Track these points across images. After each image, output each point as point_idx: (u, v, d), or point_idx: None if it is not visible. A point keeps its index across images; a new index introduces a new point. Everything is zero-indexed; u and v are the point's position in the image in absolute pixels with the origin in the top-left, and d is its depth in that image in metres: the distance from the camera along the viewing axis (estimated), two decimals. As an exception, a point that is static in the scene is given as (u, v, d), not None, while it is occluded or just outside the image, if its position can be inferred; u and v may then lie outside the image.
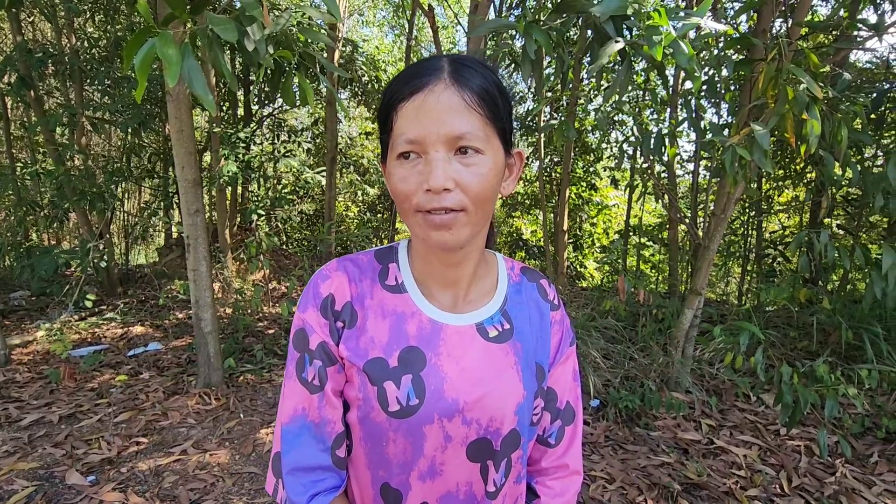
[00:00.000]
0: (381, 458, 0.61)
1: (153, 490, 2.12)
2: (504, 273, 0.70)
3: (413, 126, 0.54)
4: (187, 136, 2.65)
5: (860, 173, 2.59)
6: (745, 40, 2.39)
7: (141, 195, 7.99)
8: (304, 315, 0.62)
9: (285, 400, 0.62)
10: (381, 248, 0.68)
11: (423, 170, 0.54)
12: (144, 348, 3.82)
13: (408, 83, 0.55)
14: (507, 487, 0.64)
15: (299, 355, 0.61)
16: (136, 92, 1.22)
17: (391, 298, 0.63)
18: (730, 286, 6.23)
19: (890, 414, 2.59)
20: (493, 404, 0.60)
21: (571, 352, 0.71)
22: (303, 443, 0.60)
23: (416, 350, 0.60)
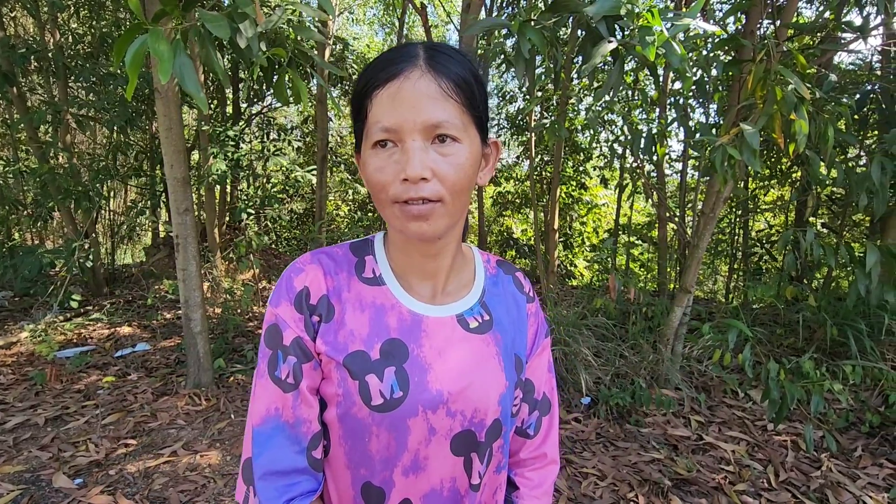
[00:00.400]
0: (362, 456, 0.58)
1: (142, 492, 2.10)
2: (481, 265, 0.70)
3: (389, 114, 0.52)
4: (176, 134, 2.62)
5: (844, 173, 2.64)
6: (735, 41, 2.42)
7: (127, 194, 7.87)
8: (277, 310, 0.58)
9: (256, 401, 0.58)
10: (356, 241, 0.66)
11: (400, 159, 0.53)
12: (132, 349, 3.77)
13: (383, 69, 0.54)
14: (488, 478, 0.64)
15: (271, 352, 0.58)
16: (126, 89, 1.20)
17: (369, 291, 0.61)
18: (717, 284, 6.31)
19: (873, 409, 2.65)
20: (477, 395, 0.60)
21: (547, 343, 0.73)
22: (276, 445, 0.56)
23: (398, 342, 0.59)
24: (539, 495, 0.71)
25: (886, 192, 2.52)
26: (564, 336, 3.13)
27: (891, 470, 2.30)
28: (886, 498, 2.09)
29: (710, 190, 2.88)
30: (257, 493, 0.56)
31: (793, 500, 2.08)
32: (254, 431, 0.58)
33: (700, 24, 1.53)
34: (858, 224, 4.69)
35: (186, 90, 1.25)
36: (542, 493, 0.72)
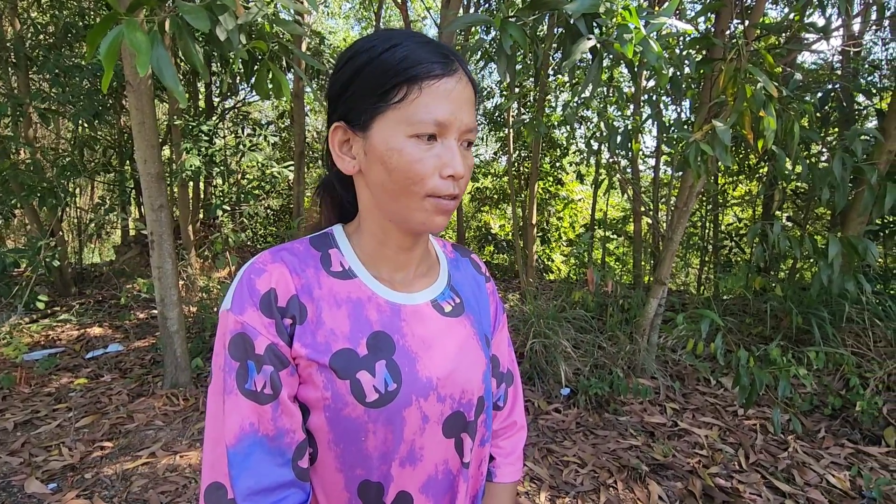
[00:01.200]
0: (358, 456, 0.57)
1: (121, 495, 2.05)
2: (440, 250, 0.72)
3: (443, 109, 0.53)
4: (149, 129, 2.55)
5: (808, 168, 2.76)
6: (707, 41, 2.49)
7: (94, 191, 7.61)
8: (243, 317, 0.53)
9: (227, 418, 0.53)
10: (315, 235, 0.63)
11: (441, 154, 0.54)
12: (104, 350, 3.67)
13: (437, 62, 0.53)
14: (475, 453, 0.65)
15: (239, 364, 0.53)
16: (99, 81, 1.18)
17: (341, 285, 0.59)
18: (689, 277, 6.51)
19: (835, 392, 2.78)
20: (463, 376, 0.61)
21: (504, 320, 0.76)
22: (255, 462, 0.53)
23: (383, 334, 0.58)
24: (513, 461, 0.76)
25: (847, 187, 2.64)
26: (544, 329, 3.18)
27: (851, 450, 2.43)
28: (848, 476, 2.21)
29: (684, 185, 2.97)
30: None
31: (762, 481, 2.18)
32: (228, 453, 0.53)
33: (674, 22, 1.58)
34: (821, 217, 4.90)
35: (165, 83, 1.23)
36: (515, 458, 0.76)
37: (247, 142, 4.68)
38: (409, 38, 0.55)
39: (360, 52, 0.55)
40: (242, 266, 0.58)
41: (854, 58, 4.08)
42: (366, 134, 0.55)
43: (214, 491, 0.54)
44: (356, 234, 0.63)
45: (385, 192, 0.56)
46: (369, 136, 0.55)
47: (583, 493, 2.11)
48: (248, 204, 4.50)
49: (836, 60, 4.48)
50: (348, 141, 0.58)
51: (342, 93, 0.57)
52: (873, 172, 2.59)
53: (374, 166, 0.55)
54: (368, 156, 0.56)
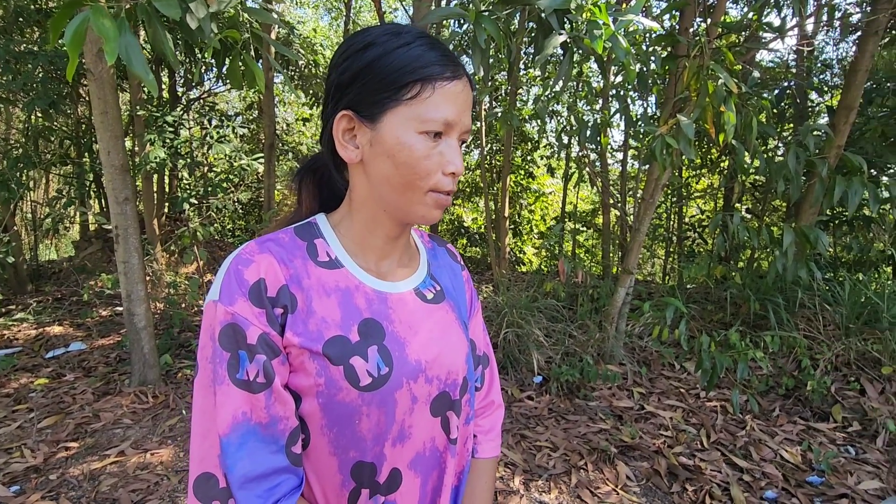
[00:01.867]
0: (352, 439, 0.58)
1: (89, 495, 2.00)
2: (419, 241, 0.75)
3: (451, 109, 0.56)
4: (113, 119, 2.46)
5: (765, 162, 2.90)
6: (672, 38, 2.58)
7: (49, 184, 7.26)
8: (233, 308, 0.53)
9: (219, 408, 0.53)
10: (299, 225, 0.64)
11: (444, 152, 0.57)
12: (66, 349, 3.53)
13: (448, 65, 0.57)
14: (461, 430, 0.69)
15: (230, 354, 0.53)
16: (67, 70, 1.14)
17: (329, 275, 0.60)
18: (655, 267, 6.72)
19: (789, 373, 2.96)
20: (448, 359, 0.64)
21: (479, 306, 0.80)
22: (250, 450, 0.54)
23: (373, 321, 0.60)
24: (492, 438, 0.79)
25: (800, 179, 2.79)
26: (517, 319, 3.25)
27: (803, 426, 2.59)
28: (799, 451, 2.36)
29: (650, 177, 3.07)
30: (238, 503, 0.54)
31: (722, 458, 2.31)
32: (222, 442, 0.53)
33: (641, 19, 1.64)
34: (777, 209, 5.15)
35: (135, 72, 1.20)
36: (494, 435, 0.80)
37: (214, 133, 4.56)
38: (419, 37, 0.57)
39: (372, 45, 0.57)
40: (226, 258, 0.58)
41: (808, 57, 4.29)
42: (374, 126, 0.57)
43: (204, 482, 0.54)
44: (342, 224, 0.64)
45: (389, 185, 0.58)
46: (379, 128, 0.57)
47: (555, 475, 2.19)
48: (217, 197, 4.40)
49: (792, 59, 4.70)
50: (352, 129, 0.59)
51: (352, 82, 0.57)
52: (824, 166, 2.75)
53: (381, 158, 0.57)
54: (375, 147, 0.57)
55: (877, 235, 3.95)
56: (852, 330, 3.09)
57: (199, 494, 0.55)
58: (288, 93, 8.08)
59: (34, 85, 4.03)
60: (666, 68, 2.73)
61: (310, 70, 6.22)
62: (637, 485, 2.14)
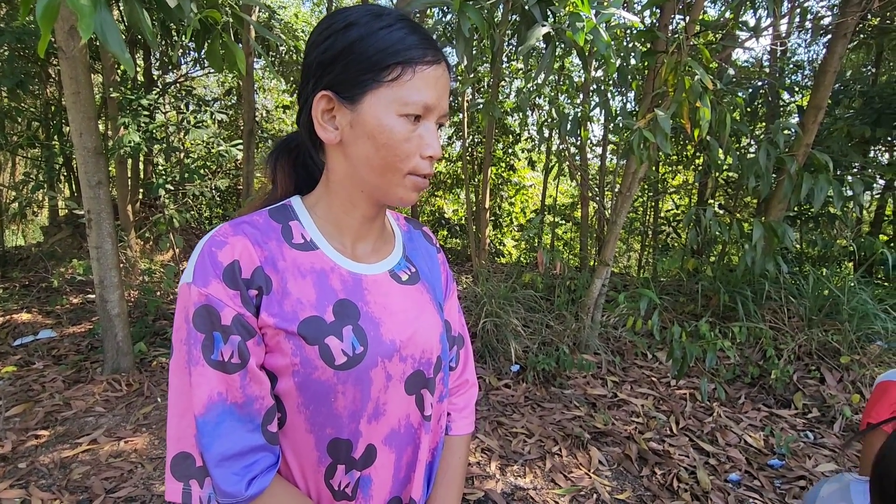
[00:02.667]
0: (328, 416, 0.59)
1: (60, 483, 1.97)
2: (395, 224, 0.76)
3: (431, 93, 0.57)
4: (85, 100, 2.39)
5: (738, 159, 2.99)
6: (651, 34, 2.63)
7: (16, 167, 6.99)
8: (207, 289, 0.54)
9: (194, 389, 0.54)
10: (273, 207, 0.64)
11: (423, 135, 0.58)
12: (34, 336, 3.44)
13: (429, 49, 0.57)
14: (435, 407, 0.71)
15: (204, 336, 0.54)
16: (38, 46, 1.11)
17: (304, 256, 0.61)
18: (631, 260, 6.86)
19: (754, 363, 3.07)
20: (423, 338, 0.65)
21: (454, 287, 0.82)
22: (226, 430, 0.54)
23: (347, 302, 0.61)
24: (466, 415, 0.81)
25: (770, 176, 2.89)
26: (496, 309, 3.29)
27: (766, 413, 2.71)
28: (762, 436, 2.47)
29: (627, 171, 3.14)
30: (217, 482, 0.54)
31: (690, 443, 2.40)
32: (198, 422, 0.54)
33: (622, 14, 1.67)
34: (748, 205, 5.30)
35: (110, 50, 1.17)
36: (468, 412, 0.82)
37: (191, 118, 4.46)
38: (400, 19, 0.58)
39: (354, 24, 0.57)
40: (200, 240, 0.58)
41: (780, 57, 4.42)
42: (355, 107, 0.57)
43: (182, 461, 0.55)
44: (318, 205, 0.65)
45: (369, 166, 0.59)
46: (359, 109, 0.57)
47: (530, 460, 2.24)
48: (193, 184, 4.30)
49: (766, 59, 4.83)
50: (332, 110, 0.59)
51: (333, 61, 0.57)
52: (793, 163, 2.85)
53: (361, 140, 0.58)
54: (355, 129, 0.58)
55: (840, 232, 4.11)
56: (815, 321, 3.23)
57: (176, 473, 0.56)
58: (269, 79, 7.93)
59: (0, 63, 3.87)
60: (645, 64, 2.78)
61: (291, 56, 6.11)
62: (609, 469, 2.21)
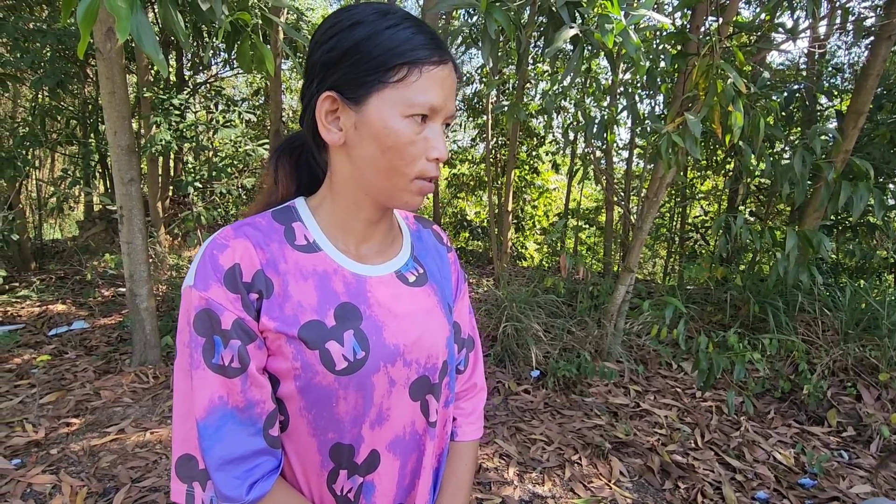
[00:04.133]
0: (330, 421, 0.59)
1: (88, 470, 2.03)
2: (403, 223, 0.74)
3: (438, 94, 0.56)
4: (120, 100, 2.47)
5: (771, 165, 2.89)
6: (682, 36, 2.57)
7: (55, 163, 7.27)
8: (208, 293, 0.53)
9: (196, 393, 0.54)
10: (277, 209, 0.63)
11: (429, 137, 0.57)
12: (68, 327, 3.56)
13: (436, 49, 0.56)
14: (440, 413, 0.69)
15: (205, 340, 0.54)
16: (78, 48, 1.14)
17: (307, 259, 0.59)
18: (656, 266, 6.72)
19: (785, 377, 2.96)
20: (428, 343, 0.64)
21: (465, 288, 0.79)
22: (227, 433, 0.54)
23: (350, 305, 0.59)
24: (473, 420, 0.79)
25: (805, 183, 2.79)
26: (516, 313, 3.26)
27: (797, 430, 2.60)
28: (793, 453, 2.38)
29: (655, 176, 3.07)
30: (218, 485, 0.54)
31: (715, 458, 2.32)
32: (199, 426, 0.54)
33: (653, 15, 1.63)
34: (781, 213, 5.13)
35: (145, 51, 1.20)
36: (475, 418, 0.80)
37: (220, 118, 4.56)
38: (406, 18, 0.56)
39: (360, 23, 0.55)
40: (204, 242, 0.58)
41: (819, 60, 4.26)
42: (359, 108, 0.56)
43: (185, 462, 0.56)
44: (322, 207, 0.63)
45: (374, 169, 0.57)
46: (364, 111, 0.55)
47: (549, 468, 2.21)
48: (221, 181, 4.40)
49: (803, 62, 4.66)
50: (336, 111, 0.57)
51: (339, 61, 0.56)
52: (830, 170, 2.74)
53: (366, 142, 0.56)
54: (360, 131, 0.56)
55: (880, 242, 3.94)
56: (851, 336, 3.09)
57: (181, 475, 0.56)
58: (296, 79, 8.06)
59: (42, 63, 4.03)
60: (675, 66, 2.72)
61: (318, 57, 6.17)
62: (630, 480, 2.15)
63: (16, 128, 4.74)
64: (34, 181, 5.94)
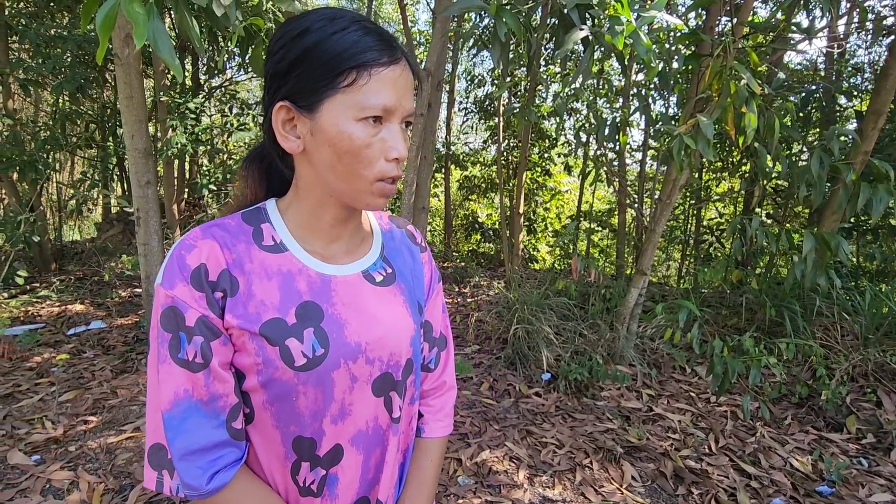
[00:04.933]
0: (291, 414, 0.61)
1: (105, 467, 2.07)
2: (375, 223, 0.75)
3: (390, 95, 0.56)
4: (137, 104, 2.52)
5: (788, 166, 2.84)
6: (695, 36, 2.54)
7: (74, 166, 7.43)
8: (173, 292, 0.56)
9: (162, 385, 0.57)
10: (247, 210, 0.65)
11: (386, 138, 0.57)
12: (86, 327, 3.64)
13: (385, 49, 0.56)
14: (405, 410, 0.70)
15: (171, 335, 0.56)
16: (96, 53, 1.17)
17: (273, 259, 0.61)
18: (670, 270, 6.64)
19: (803, 382, 2.91)
20: (392, 341, 0.65)
21: (440, 288, 0.80)
22: (192, 425, 0.57)
23: (311, 304, 0.61)
24: (441, 417, 0.80)
25: (823, 185, 2.73)
26: (528, 315, 3.25)
27: (815, 436, 2.55)
28: (810, 460, 2.33)
29: (668, 178, 3.04)
30: (180, 475, 0.56)
31: (730, 463, 2.29)
32: (164, 417, 0.56)
33: (665, 16, 1.61)
34: (799, 215, 5.04)
35: (161, 57, 1.23)
36: (443, 415, 0.81)
37: (234, 121, 4.62)
38: (355, 21, 0.57)
39: (308, 31, 0.56)
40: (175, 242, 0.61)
41: (838, 60, 4.18)
42: (313, 115, 0.57)
43: (157, 451, 0.58)
44: (290, 209, 0.65)
45: (334, 174, 0.59)
46: (317, 117, 0.57)
47: (560, 472, 2.19)
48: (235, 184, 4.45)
49: (821, 62, 4.58)
50: (292, 120, 0.59)
51: (288, 71, 0.57)
52: (849, 172, 2.68)
53: (322, 148, 0.57)
54: (316, 137, 0.57)
55: (901, 245, 3.84)
56: (871, 340, 3.02)
57: (152, 463, 0.59)
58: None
59: (63, 69, 4.13)
60: (688, 67, 2.69)
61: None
62: (642, 485, 2.13)
63: (37, 132, 4.86)
64: (54, 184, 6.09)
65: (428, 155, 2.86)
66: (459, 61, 6.94)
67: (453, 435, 2.49)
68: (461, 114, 7.57)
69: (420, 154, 2.75)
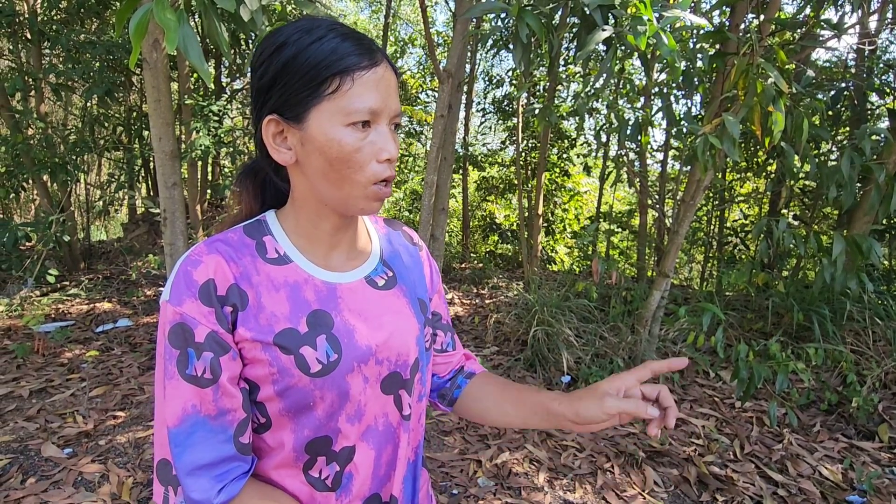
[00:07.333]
0: (309, 419, 0.62)
1: (134, 461, 2.12)
2: (372, 227, 0.76)
3: (374, 97, 0.57)
4: (165, 107, 2.57)
5: (816, 166, 2.77)
6: (721, 35, 2.49)
7: (101, 168, 7.65)
8: (182, 308, 0.56)
9: (169, 401, 0.57)
10: (248, 223, 0.66)
11: (375, 140, 0.58)
12: (114, 324, 3.74)
13: (364, 53, 0.57)
14: (414, 407, 0.72)
15: (179, 352, 0.57)
16: (129, 58, 1.20)
17: (278, 271, 0.62)
18: (693, 272, 6.53)
19: (832, 388, 2.83)
20: (398, 342, 0.67)
21: (440, 279, 0.84)
22: (198, 440, 0.57)
23: (321, 312, 0.63)
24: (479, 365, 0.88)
25: (854, 185, 2.66)
26: (548, 317, 3.23)
27: (845, 444, 2.48)
28: (840, 469, 2.26)
29: (691, 179, 2.99)
30: (187, 490, 0.57)
31: (756, 471, 2.24)
32: (170, 433, 0.57)
33: (688, 16, 1.59)
34: (828, 217, 4.90)
35: (190, 62, 1.26)
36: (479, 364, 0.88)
37: (257, 123, 4.68)
38: (332, 29, 0.58)
39: (285, 44, 0.57)
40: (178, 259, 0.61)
41: (869, 56, 4.06)
42: (301, 126, 0.58)
43: (164, 466, 0.59)
44: (288, 220, 0.66)
45: (326, 181, 0.59)
46: (306, 127, 0.58)
47: (580, 475, 2.17)
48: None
49: (851, 59, 4.45)
50: (282, 132, 0.60)
51: (272, 85, 0.58)
52: (881, 172, 2.60)
53: (313, 157, 0.58)
54: (306, 147, 0.58)
55: (937, 248, 3.71)
56: (904, 346, 2.92)
57: (160, 478, 0.60)
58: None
59: (92, 73, 4.26)
60: (713, 66, 2.64)
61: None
62: (665, 491, 2.10)
63: (67, 135, 5.02)
64: (83, 185, 6.27)
65: (448, 156, 2.87)
66: (478, 62, 6.93)
67: (472, 435, 2.48)
68: (479, 114, 7.57)
69: (440, 155, 2.75)
